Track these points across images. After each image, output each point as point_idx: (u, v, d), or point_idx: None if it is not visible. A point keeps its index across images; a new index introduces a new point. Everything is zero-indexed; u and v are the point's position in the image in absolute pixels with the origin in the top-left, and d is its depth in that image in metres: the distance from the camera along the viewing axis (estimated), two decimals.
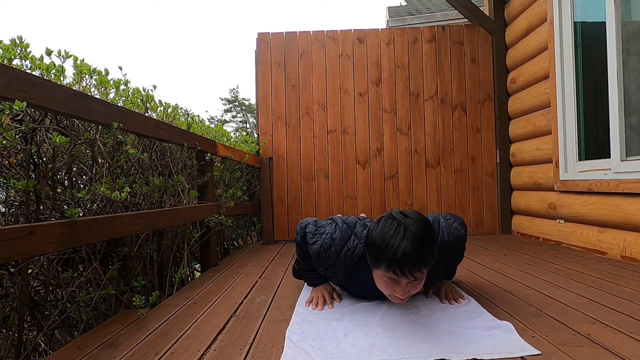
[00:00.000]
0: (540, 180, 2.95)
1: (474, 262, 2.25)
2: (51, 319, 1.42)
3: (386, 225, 1.15)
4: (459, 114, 3.49)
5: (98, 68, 1.67)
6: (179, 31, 73.85)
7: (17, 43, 1.35)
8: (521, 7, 3.15)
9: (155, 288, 1.86)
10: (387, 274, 1.16)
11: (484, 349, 1.05)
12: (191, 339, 1.22)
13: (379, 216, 1.23)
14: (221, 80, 58.48)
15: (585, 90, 2.59)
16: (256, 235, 3.84)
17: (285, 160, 3.52)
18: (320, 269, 1.45)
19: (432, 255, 1.15)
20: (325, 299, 1.48)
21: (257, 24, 72.40)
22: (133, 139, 1.78)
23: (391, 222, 1.15)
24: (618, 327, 1.19)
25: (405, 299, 1.22)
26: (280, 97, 3.55)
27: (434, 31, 3.54)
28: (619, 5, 2.18)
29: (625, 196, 2.13)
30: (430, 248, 1.14)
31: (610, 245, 2.25)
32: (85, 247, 1.48)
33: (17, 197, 1.46)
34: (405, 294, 1.19)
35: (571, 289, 1.63)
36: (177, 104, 2.40)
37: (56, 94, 1.16)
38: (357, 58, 3.55)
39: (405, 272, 1.12)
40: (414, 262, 1.11)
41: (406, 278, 1.14)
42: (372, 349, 1.09)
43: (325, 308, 1.44)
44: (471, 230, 3.44)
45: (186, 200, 2.14)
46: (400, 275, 1.13)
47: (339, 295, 1.54)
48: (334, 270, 1.42)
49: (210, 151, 2.38)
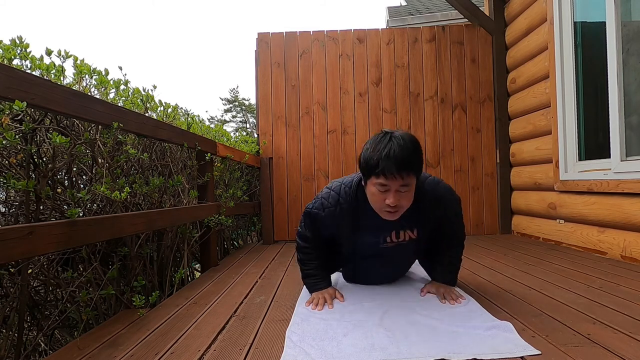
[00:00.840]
0: (540, 180, 2.95)
1: (474, 262, 2.25)
2: (51, 319, 1.42)
3: (375, 138, 1.29)
4: (459, 114, 3.49)
5: (98, 68, 1.67)
6: (179, 31, 73.85)
7: (17, 43, 1.35)
8: (521, 7, 3.15)
9: (155, 288, 1.86)
10: (377, 180, 1.25)
11: (484, 349, 1.05)
12: (191, 339, 1.22)
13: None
14: (221, 80, 58.50)
15: (585, 90, 2.59)
16: (256, 235, 3.84)
17: (285, 160, 3.52)
18: (326, 228, 1.48)
19: (418, 160, 1.28)
20: (325, 300, 1.47)
21: (257, 24, 72.35)
22: (133, 139, 1.78)
23: (379, 134, 1.30)
24: (618, 327, 1.19)
25: (397, 213, 1.30)
26: (280, 97, 3.55)
27: (434, 31, 3.54)
28: (619, 5, 2.18)
29: (625, 196, 2.13)
30: (416, 152, 1.26)
31: (610, 245, 2.25)
32: (85, 247, 1.48)
33: (17, 197, 1.46)
34: (396, 201, 1.26)
35: (571, 289, 1.63)
36: (177, 104, 2.40)
37: (56, 94, 1.16)
38: (357, 58, 3.55)
39: (393, 172, 1.21)
40: (401, 161, 1.22)
41: (395, 179, 1.23)
42: (372, 349, 1.08)
43: (325, 308, 1.43)
44: (471, 230, 3.44)
45: (186, 200, 2.14)
46: (389, 177, 1.22)
47: (342, 295, 1.53)
48: (339, 221, 1.44)
49: (210, 151, 2.38)
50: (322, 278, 1.56)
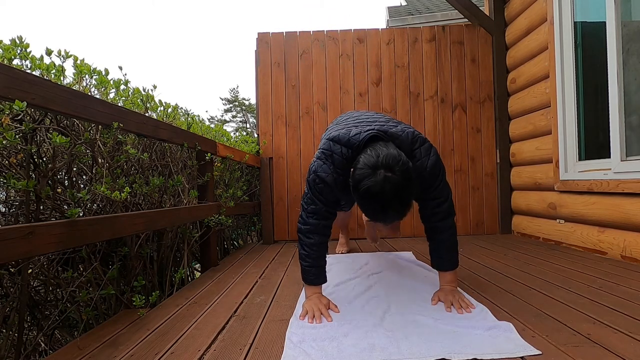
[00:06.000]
0: (540, 180, 2.95)
1: (474, 262, 2.25)
2: (51, 319, 1.42)
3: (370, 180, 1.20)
4: (459, 114, 3.49)
5: (98, 68, 1.67)
6: (179, 31, 73.83)
7: (17, 43, 1.35)
8: (521, 7, 3.15)
9: (155, 288, 1.86)
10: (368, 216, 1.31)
11: (484, 349, 1.05)
12: (191, 339, 1.22)
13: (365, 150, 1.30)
14: (221, 80, 58.49)
15: (585, 90, 2.59)
16: (256, 235, 3.84)
17: (285, 160, 3.52)
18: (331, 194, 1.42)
19: (410, 204, 1.27)
20: (321, 312, 1.37)
21: (257, 24, 72.39)
22: (133, 139, 1.78)
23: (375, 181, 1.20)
24: (618, 327, 1.19)
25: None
26: (280, 97, 3.55)
27: (434, 31, 3.53)
28: (619, 5, 2.18)
29: (625, 196, 2.13)
30: (409, 201, 1.25)
31: (610, 245, 2.25)
32: (85, 247, 1.48)
33: (17, 197, 1.46)
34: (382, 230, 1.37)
35: (571, 289, 1.63)
36: (177, 104, 2.40)
37: (56, 94, 1.16)
38: (357, 58, 3.55)
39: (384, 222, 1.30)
40: (394, 218, 1.26)
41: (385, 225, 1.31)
42: (372, 349, 1.09)
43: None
44: (471, 230, 3.44)
45: (186, 200, 2.14)
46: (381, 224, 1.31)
47: (336, 306, 1.44)
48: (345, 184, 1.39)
49: (211, 151, 2.38)
50: (319, 269, 1.48)
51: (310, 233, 1.45)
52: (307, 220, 1.45)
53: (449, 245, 1.51)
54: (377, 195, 1.19)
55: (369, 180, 1.20)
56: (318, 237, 1.45)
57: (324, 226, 1.46)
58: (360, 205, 1.27)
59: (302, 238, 1.47)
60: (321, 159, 1.41)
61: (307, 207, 1.46)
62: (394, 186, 1.19)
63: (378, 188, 1.19)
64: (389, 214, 1.23)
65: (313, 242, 1.44)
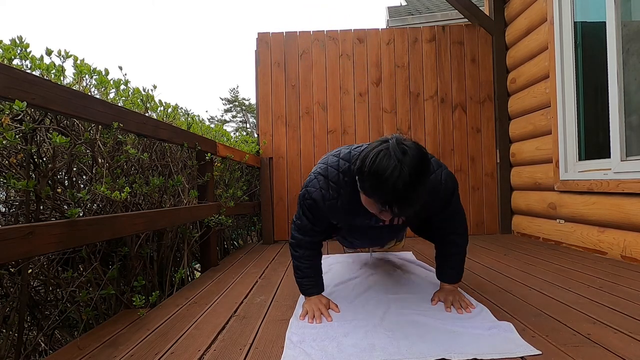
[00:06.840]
0: (541, 180, 2.95)
1: (474, 262, 2.25)
2: (51, 319, 1.42)
3: (383, 162, 1.05)
4: (459, 114, 3.49)
5: (98, 68, 1.67)
6: (179, 31, 73.82)
7: (17, 43, 1.35)
8: (521, 7, 3.15)
9: (155, 288, 1.86)
10: (378, 205, 1.11)
11: (484, 349, 1.05)
12: (191, 339, 1.22)
13: (377, 143, 1.11)
14: (221, 80, 58.53)
15: (585, 90, 2.59)
16: (256, 235, 3.83)
17: (285, 160, 3.52)
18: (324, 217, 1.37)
19: (423, 197, 1.11)
20: (321, 312, 1.37)
21: (257, 24, 72.37)
22: (133, 139, 1.78)
23: (387, 160, 1.04)
24: (618, 327, 1.19)
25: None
26: (280, 97, 3.55)
27: (434, 31, 3.53)
28: (619, 5, 2.18)
29: (625, 196, 2.13)
30: (422, 192, 1.08)
31: (610, 245, 2.25)
32: (85, 247, 1.48)
33: (17, 197, 1.46)
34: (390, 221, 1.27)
35: (571, 289, 1.63)
36: (177, 104, 2.40)
37: (56, 94, 1.16)
38: (357, 58, 3.55)
39: (395, 211, 1.09)
40: (406, 206, 1.07)
41: (396, 214, 1.11)
42: (372, 349, 1.09)
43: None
44: (471, 230, 3.44)
45: (186, 200, 2.14)
46: (391, 213, 1.10)
47: (336, 306, 1.45)
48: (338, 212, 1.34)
49: (211, 151, 2.38)
50: (315, 281, 1.48)
51: (296, 247, 1.47)
52: (294, 234, 1.48)
53: (463, 258, 1.49)
54: (389, 165, 1.02)
55: (378, 148, 1.06)
56: (304, 251, 1.46)
57: (311, 242, 1.46)
58: (366, 189, 1.10)
59: (291, 250, 1.50)
60: (314, 172, 1.37)
61: (295, 220, 1.47)
62: (410, 155, 1.04)
63: (391, 154, 1.03)
64: (401, 194, 1.03)
65: (299, 255, 1.46)
